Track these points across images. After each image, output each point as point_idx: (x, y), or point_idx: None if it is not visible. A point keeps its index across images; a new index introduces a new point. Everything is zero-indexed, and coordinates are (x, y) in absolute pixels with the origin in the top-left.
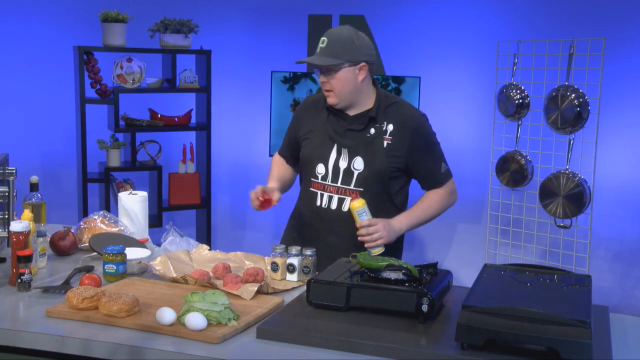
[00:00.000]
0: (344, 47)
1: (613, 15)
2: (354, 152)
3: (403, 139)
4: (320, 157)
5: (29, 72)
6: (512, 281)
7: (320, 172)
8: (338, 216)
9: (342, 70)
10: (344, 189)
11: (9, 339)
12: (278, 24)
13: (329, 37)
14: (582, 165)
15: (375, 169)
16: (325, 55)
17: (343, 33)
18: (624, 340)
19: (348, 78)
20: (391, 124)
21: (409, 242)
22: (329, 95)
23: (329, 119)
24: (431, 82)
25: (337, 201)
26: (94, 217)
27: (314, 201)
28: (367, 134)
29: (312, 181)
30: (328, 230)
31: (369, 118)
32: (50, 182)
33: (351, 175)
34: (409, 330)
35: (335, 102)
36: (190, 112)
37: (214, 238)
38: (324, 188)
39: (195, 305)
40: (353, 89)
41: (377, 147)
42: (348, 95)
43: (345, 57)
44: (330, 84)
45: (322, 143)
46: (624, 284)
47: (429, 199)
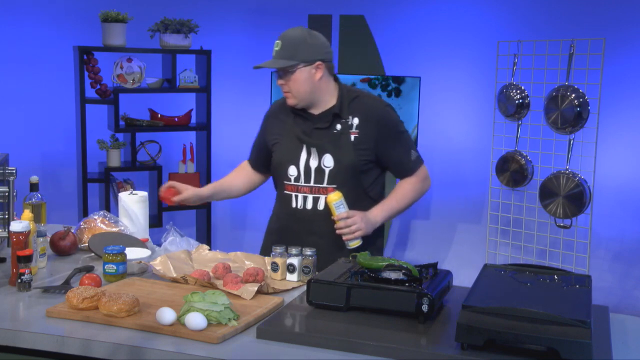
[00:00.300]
0: (297, 48)
1: (613, 15)
2: (322, 150)
3: (369, 131)
4: (291, 159)
5: (29, 72)
6: (512, 281)
7: (293, 174)
8: (315, 215)
9: (298, 71)
10: (317, 188)
11: (9, 339)
12: (278, 24)
13: (282, 40)
14: (582, 165)
15: (345, 164)
16: (280, 58)
17: (296, 34)
18: (624, 340)
19: (304, 78)
20: (356, 118)
21: (409, 242)
22: (287, 97)
23: (296, 121)
24: (431, 82)
25: (312, 201)
26: (94, 217)
27: (289, 203)
28: (334, 130)
29: (285, 184)
30: (306, 230)
31: (333, 115)
32: (50, 182)
33: (323, 174)
34: (409, 330)
35: (294, 103)
36: (190, 112)
37: (214, 238)
38: (297, 189)
39: (195, 305)
40: (310, 88)
41: (344, 143)
42: (306, 95)
43: (300, 57)
44: (288, 86)
45: (291, 145)
46: (624, 284)
47: (403, 189)
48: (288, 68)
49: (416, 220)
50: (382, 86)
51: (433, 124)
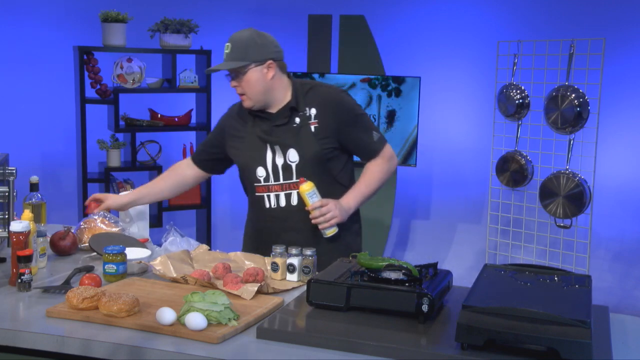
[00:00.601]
0: (247, 48)
1: (613, 15)
2: (285, 146)
3: (328, 118)
4: (257, 160)
5: (29, 72)
6: (512, 281)
7: (261, 174)
8: (290, 212)
9: (250, 72)
10: (287, 184)
11: (9, 339)
12: (278, 24)
13: (232, 42)
14: (582, 165)
15: (310, 155)
16: (230, 60)
17: (244, 35)
18: (624, 340)
19: (257, 78)
20: (313, 108)
21: (409, 242)
22: (243, 99)
23: (255, 122)
24: (431, 82)
25: (285, 197)
26: (94, 217)
27: (263, 205)
28: (293, 124)
29: (255, 186)
30: (284, 228)
31: (290, 109)
32: (50, 182)
33: (290, 169)
34: (409, 330)
35: (250, 104)
36: (190, 112)
37: (214, 238)
38: (268, 189)
39: (195, 305)
40: (264, 88)
41: (305, 135)
42: (261, 95)
43: (251, 57)
44: (242, 87)
45: (254, 147)
46: (624, 284)
47: (370, 172)
48: (240, 69)
49: (416, 220)
50: (382, 86)
51: (433, 124)
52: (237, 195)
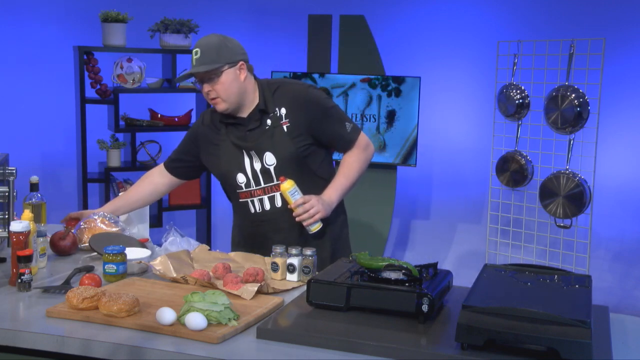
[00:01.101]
0: (218, 51)
1: (613, 15)
2: (260, 150)
3: (299, 116)
4: (236, 167)
5: (29, 72)
6: (512, 281)
7: (242, 181)
8: (275, 214)
9: (224, 74)
10: (269, 187)
11: (9, 339)
12: (278, 24)
13: (200, 47)
14: (582, 165)
15: (287, 156)
16: (203, 64)
17: (213, 40)
18: (624, 340)
19: (231, 80)
20: (283, 108)
21: (409, 242)
22: (217, 103)
23: (228, 129)
24: (431, 82)
25: (269, 200)
26: (94, 217)
27: (248, 211)
28: (265, 127)
29: (238, 193)
30: (272, 230)
31: (260, 111)
32: (50, 182)
33: (269, 173)
34: (409, 330)
35: (224, 107)
36: (190, 112)
37: (214, 238)
38: (251, 194)
39: (196, 305)
40: (238, 89)
41: (279, 136)
42: (235, 97)
43: (224, 59)
44: (216, 91)
45: (231, 154)
46: (624, 284)
47: (348, 163)
48: (214, 71)
49: (416, 220)
50: (382, 86)
51: (433, 124)
52: None
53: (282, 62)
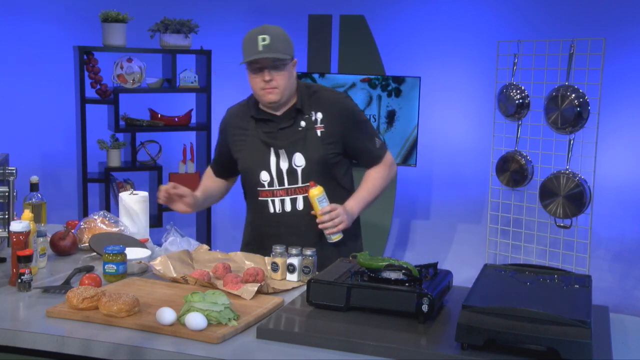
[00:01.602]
0: (284, 43)
1: (613, 15)
2: (291, 150)
3: (334, 124)
4: (261, 164)
5: (29, 72)
6: (512, 281)
7: (265, 179)
8: (295, 216)
9: (288, 66)
10: (293, 189)
11: (9, 339)
12: (278, 24)
13: (269, 35)
14: (582, 165)
15: (316, 160)
16: (274, 52)
17: (279, 30)
18: (624, 340)
19: (290, 73)
20: (319, 112)
21: (409, 242)
22: (271, 92)
23: (257, 125)
24: (431, 82)
25: (290, 202)
26: (94, 217)
27: (266, 209)
28: (298, 128)
29: (259, 191)
30: (289, 232)
31: (296, 111)
32: (50, 182)
33: (295, 174)
34: (409, 330)
35: (277, 98)
36: (190, 112)
37: (214, 238)
38: (273, 194)
39: (196, 305)
40: (292, 85)
41: (311, 139)
42: (289, 91)
43: (290, 52)
44: (277, 81)
45: (257, 150)
46: (624, 284)
47: (372, 178)
48: (284, 61)
49: (416, 220)
50: (382, 86)
51: (433, 124)
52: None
53: None
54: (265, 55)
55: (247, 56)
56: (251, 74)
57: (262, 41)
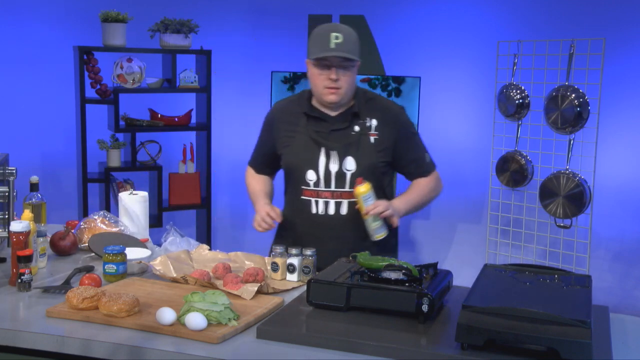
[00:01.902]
0: (355, 44)
1: (613, 15)
2: (343, 153)
3: (388, 132)
4: (309, 163)
5: (29, 72)
6: (512, 281)
7: (312, 178)
8: (337, 220)
9: (354, 68)
10: (339, 193)
11: (9, 339)
12: (278, 24)
13: (342, 34)
14: (582, 165)
15: (367, 166)
16: (346, 51)
17: (352, 31)
18: (624, 340)
19: (354, 75)
20: (374, 119)
21: (409, 242)
22: (334, 92)
23: (309, 122)
24: (431, 82)
25: (335, 205)
26: (94, 217)
27: (308, 209)
28: (352, 132)
29: (303, 189)
30: (328, 236)
31: (352, 114)
32: (50, 182)
33: (344, 178)
34: (409, 330)
35: (338, 99)
36: (190, 112)
37: (214, 238)
38: (317, 194)
39: (196, 305)
40: (353, 87)
41: (365, 144)
42: (350, 93)
43: (358, 54)
44: (342, 81)
45: (307, 148)
46: (624, 284)
47: (421, 186)
48: (353, 62)
49: (416, 220)
50: (382, 86)
51: (433, 124)
52: (237, 195)
53: (282, 62)
54: (337, 53)
55: (318, 52)
56: (316, 71)
57: (335, 39)
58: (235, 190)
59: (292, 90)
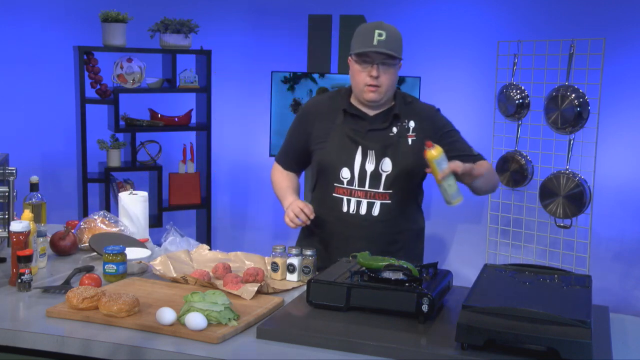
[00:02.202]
0: (398, 42)
1: (613, 15)
2: (381, 154)
3: (425, 134)
4: (344, 161)
5: (29, 72)
6: (512, 281)
7: (346, 176)
8: (368, 221)
9: (395, 67)
10: (373, 193)
11: (9, 339)
12: (278, 24)
13: (386, 31)
14: (582, 165)
15: (405, 168)
16: (389, 49)
17: (395, 30)
18: (624, 340)
19: (396, 74)
20: (412, 121)
21: None
22: (374, 91)
23: (346, 120)
24: (431, 82)
25: (367, 206)
26: (94, 217)
27: (339, 207)
28: (390, 133)
29: (335, 186)
30: (357, 236)
31: (393, 116)
32: (50, 182)
33: (379, 178)
34: (409, 330)
35: (378, 98)
36: (190, 112)
37: (214, 238)
38: (350, 193)
39: (196, 305)
40: (393, 87)
41: (403, 146)
42: (390, 93)
43: (400, 53)
44: (382, 79)
45: (343, 146)
46: (624, 284)
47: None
48: (396, 60)
49: None
50: None
51: None
52: (237, 195)
53: (282, 62)
54: (379, 49)
55: (359, 48)
56: (357, 67)
57: (379, 36)
58: (235, 190)
59: (292, 91)
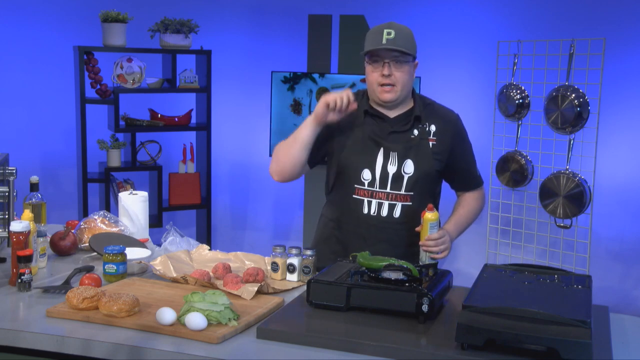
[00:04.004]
0: (409, 40)
1: (613, 15)
2: (403, 156)
3: (446, 139)
4: (366, 162)
5: (29, 72)
6: (512, 281)
7: (367, 178)
8: (389, 223)
9: (409, 64)
10: (394, 195)
11: (9, 339)
12: (278, 24)
13: (395, 30)
14: (582, 165)
15: (426, 171)
16: (400, 47)
17: (405, 28)
18: (624, 340)
19: (411, 73)
20: (433, 125)
21: None
22: (388, 90)
23: (366, 121)
24: (431, 82)
25: (388, 208)
26: (94, 217)
27: (359, 209)
28: (411, 135)
29: (356, 188)
30: (377, 238)
31: (414, 118)
32: (50, 182)
33: (401, 180)
34: (409, 330)
35: (393, 97)
36: (190, 112)
37: (214, 238)
38: (371, 195)
39: (196, 305)
40: (409, 86)
41: (424, 149)
42: (406, 92)
43: (412, 50)
44: (395, 77)
45: (364, 147)
46: (624, 284)
47: (469, 205)
48: (408, 57)
49: None
50: None
51: None
52: (237, 195)
53: (282, 62)
54: (388, 46)
55: (368, 47)
56: (369, 67)
57: (387, 35)
58: (235, 190)
59: (292, 90)
